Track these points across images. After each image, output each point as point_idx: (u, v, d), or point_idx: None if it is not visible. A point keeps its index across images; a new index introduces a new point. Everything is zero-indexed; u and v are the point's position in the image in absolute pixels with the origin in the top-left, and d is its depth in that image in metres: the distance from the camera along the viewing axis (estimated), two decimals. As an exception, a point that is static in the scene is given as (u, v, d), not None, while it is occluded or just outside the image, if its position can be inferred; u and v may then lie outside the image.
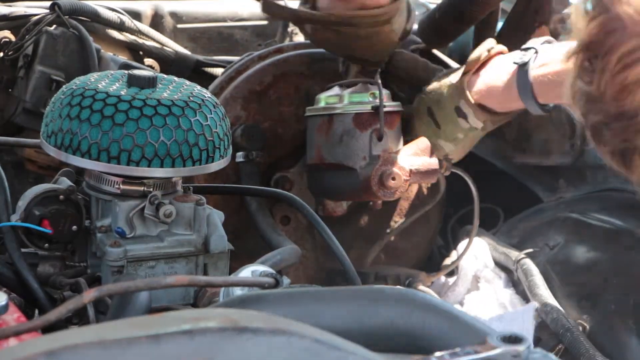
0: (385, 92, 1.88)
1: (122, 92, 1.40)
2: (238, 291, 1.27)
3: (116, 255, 1.39)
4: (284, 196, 1.71)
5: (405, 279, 1.99)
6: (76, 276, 1.43)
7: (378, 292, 1.09)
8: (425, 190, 2.12)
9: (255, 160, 1.95)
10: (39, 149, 1.86)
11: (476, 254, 1.99)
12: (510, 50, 1.96)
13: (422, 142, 1.86)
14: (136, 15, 2.22)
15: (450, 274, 2.03)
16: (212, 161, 1.43)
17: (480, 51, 1.86)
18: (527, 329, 1.71)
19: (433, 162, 1.85)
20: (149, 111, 1.38)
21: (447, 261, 2.06)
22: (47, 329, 0.97)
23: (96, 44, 2.02)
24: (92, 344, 0.75)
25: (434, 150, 1.86)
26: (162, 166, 1.38)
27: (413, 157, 1.85)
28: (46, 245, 1.44)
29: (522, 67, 1.76)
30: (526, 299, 1.81)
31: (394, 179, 1.82)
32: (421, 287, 1.97)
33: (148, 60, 2.18)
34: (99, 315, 1.33)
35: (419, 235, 2.15)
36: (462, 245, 2.03)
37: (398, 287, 1.77)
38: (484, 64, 1.86)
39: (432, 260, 2.20)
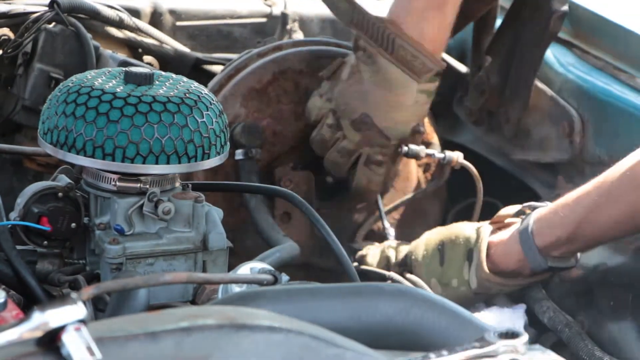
0: None
1: (118, 89, 1.40)
2: (237, 288, 1.27)
3: (115, 253, 1.39)
4: (284, 193, 1.71)
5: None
6: (75, 273, 1.43)
7: (376, 289, 1.09)
8: (423, 184, 2.12)
9: (255, 158, 1.95)
10: (36, 157, 1.87)
11: None
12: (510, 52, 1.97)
13: None
14: (135, 12, 2.22)
15: None
16: (208, 158, 1.43)
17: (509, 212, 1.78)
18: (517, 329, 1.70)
19: None
20: (144, 108, 1.38)
21: None
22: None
23: (95, 42, 2.02)
24: (89, 341, 0.75)
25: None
26: (156, 163, 1.38)
27: None
28: (45, 242, 1.44)
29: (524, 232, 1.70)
30: (517, 300, 1.81)
31: None
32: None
33: (147, 58, 2.18)
34: (98, 313, 1.33)
35: (417, 231, 2.15)
36: None
37: (396, 284, 1.77)
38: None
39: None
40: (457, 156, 2.01)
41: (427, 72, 1.89)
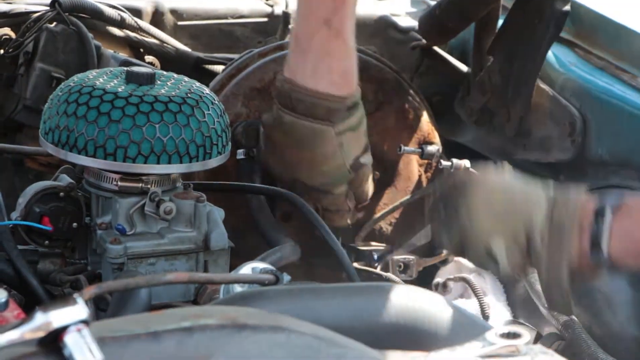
0: None
1: (120, 89, 1.40)
2: (238, 288, 1.27)
3: (116, 253, 1.39)
4: (285, 194, 1.71)
5: (396, 263, 1.97)
6: (76, 273, 1.43)
7: (377, 288, 1.10)
8: (425, 183, 2.12)
9: (256, 158, 1.95)
10: (37, 156, 1.87)
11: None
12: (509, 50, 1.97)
13: None
14: (137, 12, 2.22)
15: (444, 262, 2.03)
16: (210, 157, 1.43)
17: None
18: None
19: None
20: (145, 108, 1.38)
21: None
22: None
23: (97, 41, 2.02)
24: (91, 341, 0.75)
25: None
26: (158, 162, 1.38)
27: None
28: (46, 242, 1.45)
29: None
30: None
31: None
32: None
33: (149, 58, 2.18)
34: (99, 312, 1.33)
35: (417, 231, 2.15)
36: None
37: (398, 284, 1.77)
38: None
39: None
40: (464, 164, 1.99)
41: (335, 113, 1.72)
